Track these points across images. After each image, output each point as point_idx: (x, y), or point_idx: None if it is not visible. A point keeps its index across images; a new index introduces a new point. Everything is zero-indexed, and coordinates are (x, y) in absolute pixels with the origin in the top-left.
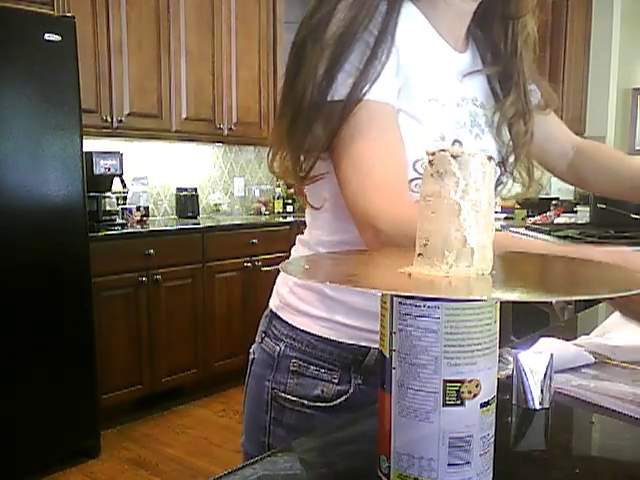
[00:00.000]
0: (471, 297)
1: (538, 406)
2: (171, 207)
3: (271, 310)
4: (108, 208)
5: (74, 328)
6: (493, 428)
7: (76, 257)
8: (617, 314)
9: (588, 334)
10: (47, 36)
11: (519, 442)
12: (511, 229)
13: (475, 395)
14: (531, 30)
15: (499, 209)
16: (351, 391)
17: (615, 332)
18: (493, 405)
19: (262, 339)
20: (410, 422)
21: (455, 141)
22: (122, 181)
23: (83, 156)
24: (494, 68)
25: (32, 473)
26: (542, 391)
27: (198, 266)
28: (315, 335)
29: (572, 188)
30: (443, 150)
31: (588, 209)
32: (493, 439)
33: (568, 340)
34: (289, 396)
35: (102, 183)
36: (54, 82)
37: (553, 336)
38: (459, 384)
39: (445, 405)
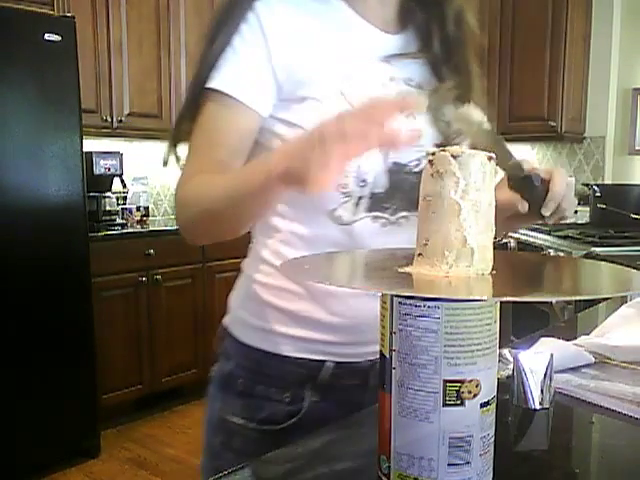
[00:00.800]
0: (471, 297)
1: (538, 406)
2: (171, 207)
3: (224, 327)
4: (108, 208)
5: (74, 328)
6: (493, 428)
7: (76, 257)
8: (617, 314)
9: (588, 334)
10: (47, 36)
11: (519, 442)
12: None
13: (475, 395)
14: (470, 18)
15: None
16: (304, 410)
17: (615, 332)
18: (493, 405)
19: (217, 358)
20: (410, 422)
21: None
22: (122, 181)
23: (83, 156)
24: (429, 52)
25: (32, 473)
26: (542, 391)
27: (198, 266)
28: (263, 351)
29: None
30: (443, 150)
31: (588, 209)
32: (493, 439)
33: (568, 340)
34: (236, 419)
35: (102, 183)
36: (54, 82)
37: (553, 336)
38: (459, 384)
39: (445, 405)
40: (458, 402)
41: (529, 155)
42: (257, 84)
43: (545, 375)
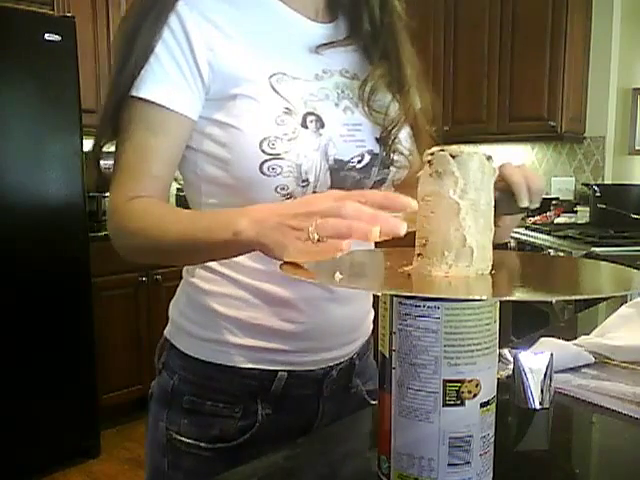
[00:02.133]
0: (471, 297)
1: (538, 406)
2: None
3: (165, 338)
4: None
5: (74, 328)
6: (493, 428)
7: (76, 257)
8: (617, 314)
9: (588, 334)
10: (47, 36)
11: (519, 442)
12: None
13: (475, 395)
14: (396, 3)
15: None
16: (258, 424)
17: (615, 332)
18: (493, 405)
19: (159, 372)
20: (410, 422)
21: (309, 114)
22: None
23: (83, 156)
24: (359, 39)
25: (32, 473)
26: (542, 391)
27: None
28: (211, 363)
29: (572, 188)
30: (442, 150)
31: (588, 209)
32: (493, 439)
33: (568, 340)
34: (184, 438)
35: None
36: (54, 82)
37: (553, 336)
38: (459, 384)
39: (445, 405)
40: (458, 402)
41: (528, 155)
42: (185, 88)
43: (545, 375)
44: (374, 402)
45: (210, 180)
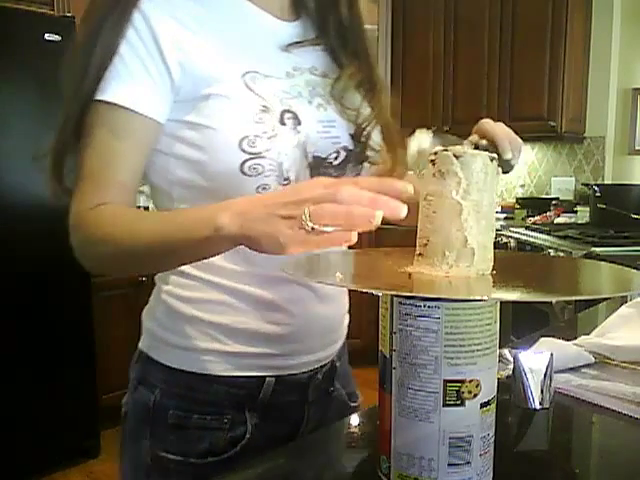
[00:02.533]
0: (471, 297)
1: (538, 406)
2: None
3: (141, 352)
4: None
5: (74, 328)
6: (493, 428)
7: (75, 256)
8: (617, 314)
9: (588, 334)
10: (47, 36)
11: (519, 442)
12: (511, 229)
13: (475, 395)
14: (361, 2)
15: (499, 209)
16: (248, 435)
17: (615, 332)
18: (493, 405)
19: (135, 388)
20: (410, 422)
21: (285, 111)
22: None
23: None
24: (327, 38)
25: (32, 473)
26: (542, 391)
27: None
28: (194, 373)
29: (572, 188)
30: (446, 150)
31: (588, 209)
32: (493, 439)
33: (568, 340)
34: (172, 456)
35: None
36: (54, 82)
37: (553, 336)
38: (459, 384)
39: (445, 405)
40: (458, 402)
41: (528, 155)
42: (151, 89)
43: (545, 375)
44: (354, 404)
45: (183, 184)
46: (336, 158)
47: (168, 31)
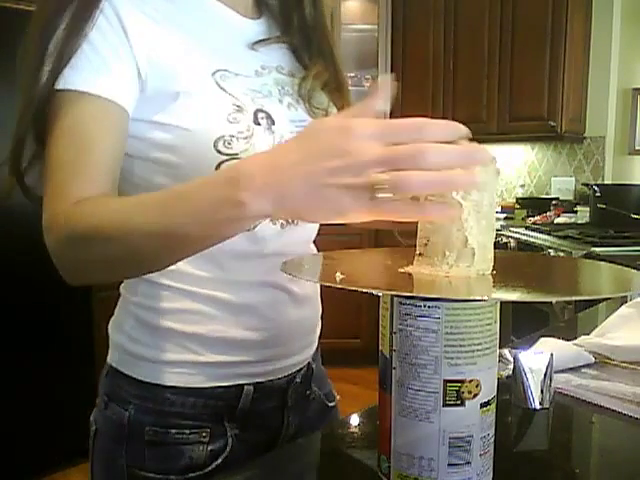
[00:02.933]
0: (471, 297)
1: (538, 406)
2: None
3: (111, 366)
4: None
5: (73, 328)
6: (493, 428)
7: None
8: (617, 314)
9: (588, 334)
10: None
11: (519, 442)
12: (511, 229)
13: (475, 395)
14: (325, 2)
15: (499, 209)
16: (229, 447)
17: (615, 332)
18: (493, 405)
19: (106, 405)
20: (410, 422)
21: (259, 111)
22: None
23: None
24: (288, 37)
25: (32, 473)
26: (542, 391)
27: None
28: (170, 387)
29: (572, 188)
30: None
31: (588, 209)
32: (493, 439)
33: (568, 340)
34: (151, 474)
35: None
36: None
37: (553, 336)
38: (459, 384)
39: (445, 405)
40: (458, 402)
41: (528, 155)
42: (124, 79)
43: (545, 375)
44: (332, 404)
45: (149, 188)
46: None
47: (136, 22)
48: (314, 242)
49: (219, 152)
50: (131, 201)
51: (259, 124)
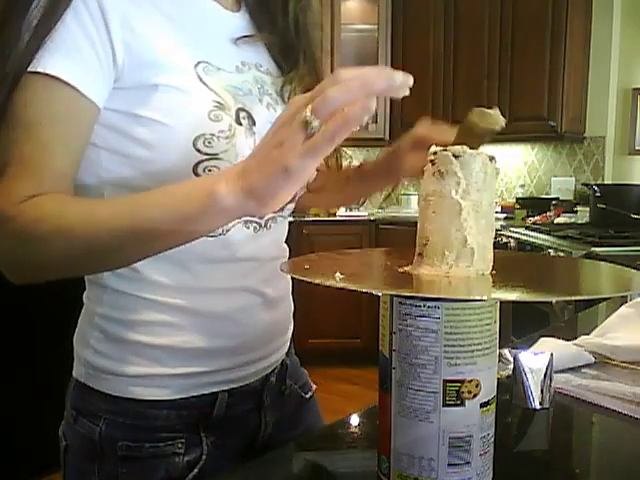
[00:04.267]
0: (471, 297)
1: (538, 406)
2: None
3: (77, 381)
4: None
5: (73, 327)
6: (493, 428)
7: None
8: (617, 314)
9: (588, 334)
10: None
11: (519, 442)
12: (511, 229)
13: (475, 395)
14: (315, 8)
15: (499, 209)
16: (205, 456)
17: (615, 332)
18: (493, 405)
19: (75, 419)
20: (410, 422)
21: (240, 109)
22: None
23: None
24: (271, 36)
25: (32, 473)
26: (542, 391)
27: None
28: (141, 401)
29: (572, 188)
30: (445, 150)
31: (588, 209)
32: (493, 439)
33: (568, 340)
34: None
35: None
36: None
37: (553, 336)
38: (459, 384)
39: (445, 405)
40: (458, 402)
41: (528, 155)
42: (97, 69)
43: (545, 375)
44: (308, 395)
45: (119, 183)
46: None
47: (116, 6)
48: (313, 246)
49: (198, 151)
50: (96, 201)
51: (241, 124)
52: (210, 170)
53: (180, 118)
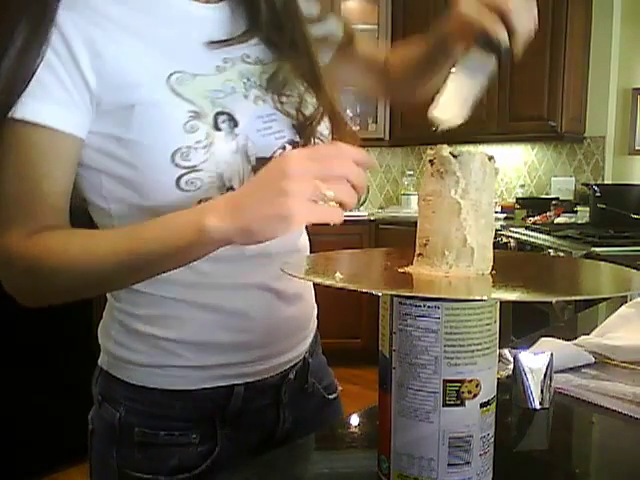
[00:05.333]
0: (471, 297)
1: (538, 406)
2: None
3: (101, 369)
4: None
5: (73, 327)
6: (493, 428)
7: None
8: (617, 314)
9: (588, 334)
10: None
11: (519, 442)
12: (511, 229)
13: (475, 395)
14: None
15: (499, 209)
16: (218, 448)
17: (615, 332)
18: (493, 405)
19: (100, 404)
20: (410, 422)
21: (219, 113)
22: None
23: None
24: (260, 30)
25: (32, 473)
26: (542, 391)
27: None
28: (158, 390)
29: (572, 188)
30: (444, 149)
31: (588, 209)
32: (493, 439)
33: (568, 340)
34: (140, 474)
35: None
36: None
37: (553, 336)
38: (459, 384)
39: (445, 405)
40: (458, 402)
41: (528, 155)
42: (71, 104)
43: (545, 375)
44: (332, 396)
45: (119, 201)
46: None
47: (81, 34)
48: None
49: (177, 165)
50: (96, 234)
51: (220, 129)
52: (192, 182)
53: (156, 135)
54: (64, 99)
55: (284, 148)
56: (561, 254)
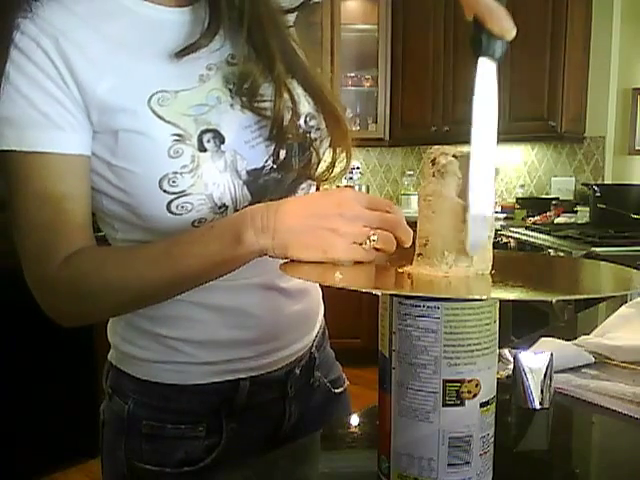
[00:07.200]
0: (471, 297)
1: (538, 406)
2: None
3: (111, 363)
4: None
5: (73, 328)
6: (493, 428)
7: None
8: (617, 314)
9: (588, 334)
10: None
11: (519, 442)
12: (511, 229)
13: (475, 395)
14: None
15: (499, 209)
16: (224, 442)
17: (615, 332)
18: (493, 405)
19: (110, 397)
20: (410, 422)
21: (204, 132)
22: None
23: None
24: (222, 28)
25: (32, 473)
26: (542, 391)
27: None
28: (167, 384)
29: (572, 188)
30: (444, 150)
31: (588, 209)
32: (493, 439)
33: (568, 340)
34: (147, 466)
35: None
36: None
37: (553, 336)
38: (459, 384)
39: (445, 405)
40: (458, 402)
41: (528, 155)
42: (73, 127)
43: (545, 375)
44: (339, 390)
45: (120, 219)
46: (275, 160)
47: (67, 59)
48: None
49: (165, 192)
50: (133, 253)
51: (205, 149)
52: (183, 207)
53: (142, 163)
54: (67, 122)
55: (277, 154)
56: (561, 254)
